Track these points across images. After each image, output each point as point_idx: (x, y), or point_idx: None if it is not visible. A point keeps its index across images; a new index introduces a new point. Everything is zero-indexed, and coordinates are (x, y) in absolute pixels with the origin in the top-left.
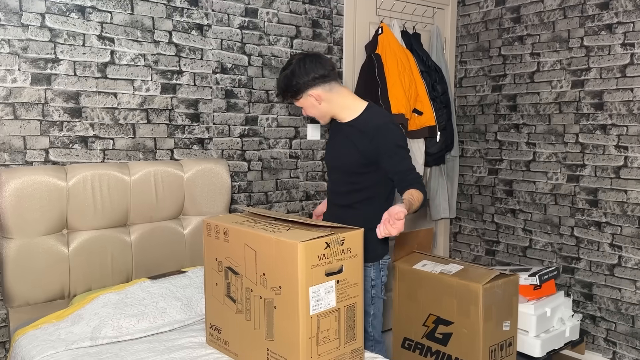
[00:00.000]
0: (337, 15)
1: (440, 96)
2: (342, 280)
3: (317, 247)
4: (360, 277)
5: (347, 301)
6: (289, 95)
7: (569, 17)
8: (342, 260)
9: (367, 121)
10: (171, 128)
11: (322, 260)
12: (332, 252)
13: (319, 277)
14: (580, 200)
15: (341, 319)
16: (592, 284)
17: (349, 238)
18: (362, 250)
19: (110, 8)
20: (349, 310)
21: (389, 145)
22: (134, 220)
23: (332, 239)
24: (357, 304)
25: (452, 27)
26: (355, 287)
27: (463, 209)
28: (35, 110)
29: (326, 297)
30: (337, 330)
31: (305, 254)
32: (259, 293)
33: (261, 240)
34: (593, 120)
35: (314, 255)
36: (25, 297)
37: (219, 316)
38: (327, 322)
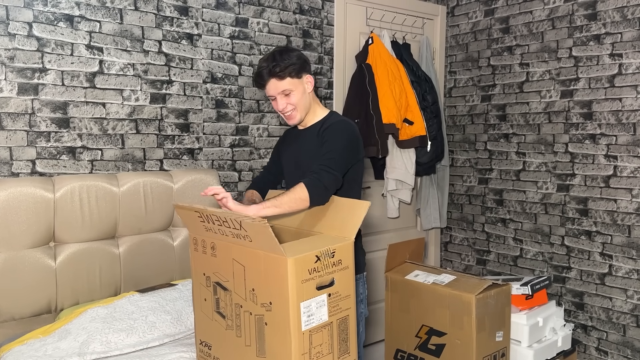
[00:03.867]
0: (327, 26)
1: (430, 106)
2: (334, 293)
3: (307, 261)
4: (352, 289)
5: (339, 314)
6: (290, 70)
7: (557, 28)
8: (334, 273)
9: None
10: (161, 138)
11: (312, 274)
12: (322, 265)
13: (310, 291)
14: (571, 209)
15: (334, 333)
16: (583, 293)
17: (339, 249)
18: (353, 261)
19: (99, 17)
20: (341, 323)
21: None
22: (122, 232)
23: (323, 251)
24: (350, 316)
25: (442, 37)
26: (347, 300)
27: (454, 218)
28: (22, 121)
29: (318, 312)
30: (330, 345)
31: (295, 268)
32: (249, 309)
33: (250, 255)
34: (582, 130)
35: (305, 269)
36: (11, 311)
37: (209, 332)
38: (319, 337)
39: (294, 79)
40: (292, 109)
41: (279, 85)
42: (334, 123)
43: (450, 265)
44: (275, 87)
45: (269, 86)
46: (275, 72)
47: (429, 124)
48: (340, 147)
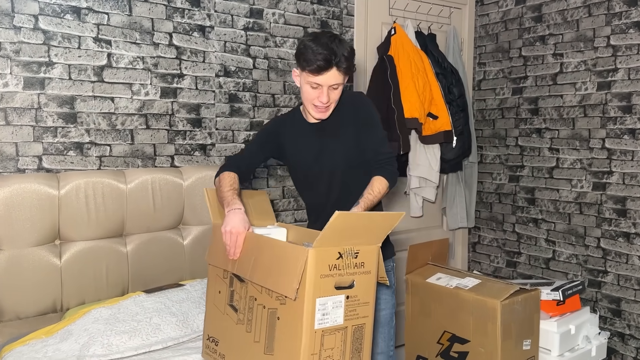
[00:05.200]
0: (347, 16)
1: (456, 99)
2: (353, 296)
3: (328, 255)
4: (372, 296)
5: (355, 320)
6: (352, 67)
7: (594, 15)
8: (355, 275)
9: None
10: (171, 134)
11: (332, 270)
12: (344, 263)
13: (327, 289)
14: (607, 209)
15: (347, 340)
16: (621, 299)
17: (363, 252)
18: (376, 267)
19: (107, 9)
20: (357, 331)
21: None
22: (130, 230)
23: (346, 249)
24: (367, 325)
25: (470, 27)
26: (365, 307)
27: (482, 218)
28: (28, 116)
29: (333, 313)
30: (342, 352)
31: (315, 261)
32: (263, 302)
33: (271, 246)
34: (621, 124)
35: (325, 264)
36: (16, 310)
37: (218, 327)
38: (332, 340)
39: (346, 75)
40: (331, 104)
41: (337, 78)
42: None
43: (479, 266)
44: (334, 79)
45: (327, 74)
46: (343, 67)
47: (454, 118)
48: (379, 125)
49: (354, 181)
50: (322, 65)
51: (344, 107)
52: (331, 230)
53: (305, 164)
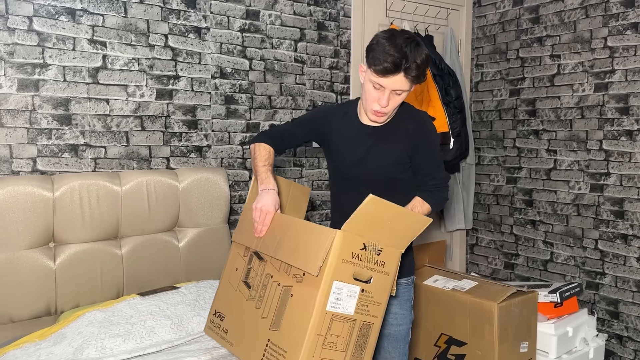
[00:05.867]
0: (344, 17)
1: (454, 101)
2: (368, 292)
3: (354, 242)
4: (386, 298)
5: (365, 317)
6: (423, 76)
7: (591, 17)
8: (374, 272)
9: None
10: (167, 135)
11: (354, 259)
12: (367, 256)
13: (346, 275)
14: (605, 211)
15: (354, 333)
16: (619, 301)
17: (386, 252)
18: (395, 270)
19: (102, 11)
20: (364, 327)
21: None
22: (125, 232)
23: (372, 243)
24: (375, 325)
25: (468, 28)
26: (377, 307)
27: (480, 219)
28: (22, 118)
29: (347, 301)
30: (347, 343)
31: (341, 244)
32: (279, 280)
33: (299, 225)
34: (618, 126)
35: (349, 250)
36: (9, 313)
37: (228, 303)
38: (339, 328)
39: (414, 84)
40: (389, 109)
41: (402, 85)
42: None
43: (477, 268)
44: (398, 84)
45: (393, 78)
46: (412, 74)
47: (452, 119)
48: (438, 151)
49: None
50: (390, 67)
51: (403, 121)
52: (362, 214)
53: (346, 164)
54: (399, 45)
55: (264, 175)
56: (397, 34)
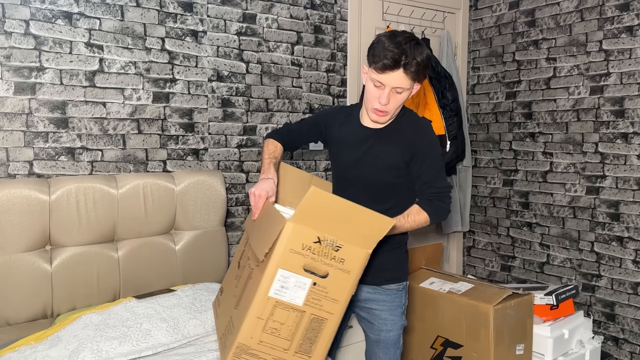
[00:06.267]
0: (340, 21)
1: (450, 104)
2: (322, 287)
3: (305, 234)
4: (345, 296)
5: (317, 311)
6: (422, 75)
7: (586, 20)
8: (330, 267)
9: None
10: (164, 138)
11: (305, 251)
12: (320, 250)
13: (294, 265)
14: (601, 213)
15: (302, 325)
16: (614, 303)
17: (347, 250)
18: (359, 271)
19: (99, 14)
20: (315, 321)
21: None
22: (121, 235)
23: (328, 238)
24: (329, 322)
25: (464, 31)
26: (333, 304)
27: (477, 221)
28: (19, 121)
29: (294, 291)
30: (292, 333)
31: (289, 234)
32: (251, 263)
33: (270, 213)
34: (613, 129)
35: (299, 241)
36: (5, 316)
37: (228, 280)
38: (283, 315)
39: (415, 82)
40: (390, 109)
41: (402, 81)
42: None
43: (474, 270)
44: (397, 81)
45: (391, 75)
46: (411, 70)
47: (448, 122)
48: (439, 161)
49: (381, 200)
50: (389, 63)
51: (404, 126)
52: (306, 206)
53: (345, 164)
54: (398, 43)
55: (265, 167)
56: (398, 34)
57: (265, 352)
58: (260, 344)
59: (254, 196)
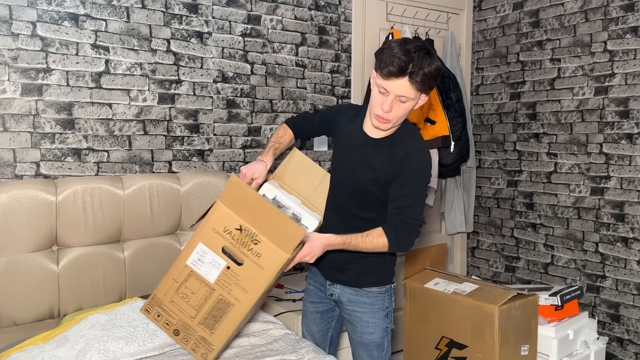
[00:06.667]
0: (345, 22)
1: (454, 104)
2: (234, 273)
3: (229, 219)
4: (255, 290)
5: (226, 294)
6: (429, 86)
7: (591, 20)
8: (246, 258)
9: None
10: (169, 139)
11: (226, 235)
12: (240, 239)
13: (213, 244)
14: (606, 214)
15: (209, 301)
16: (619, 304)
17: (266, 247)
18: (274, 271)
19: (105, 16)
20: (222, 302)
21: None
22: (127, 236)
23: (249, 228)
24: (235, 308)
25: (468, 32)
26: (242, 293)
27: (481, 222)
28: (26, 122)
29: (208, 267)
30: (200, 305)
31: (216, 213)
32: None
33: None
34: (618, 129)
35: (222, 223)
36: (13, 316)
37: None
38: (195, 286)
39: (421, 93)
40: (393, 117)
41: (406, 90)
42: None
43: (478, 271)
44: (401, 89)
45: (396, 82)
46: (416, 80)
47: (452, 123)
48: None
49: (364, 209)
50: (394, 70)
51: (399, 143)
52: (228, 191)
53: (338, 164)
54: (407, 50)
55: (266, 150)
56: (410, 41)
57: (174, 312)
58: (171, 303)
59: (241, 174)
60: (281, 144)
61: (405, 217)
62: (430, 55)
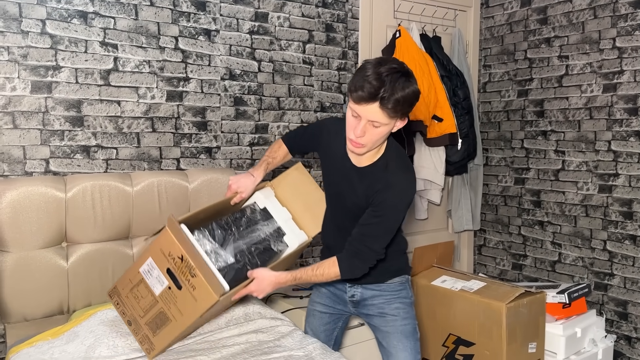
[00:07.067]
0: (352, 19)
1: (461, 102)
2: (173, 294)
3: (173, 246)
4: (190, 316)
5: (166, 309)
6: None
7: (599, 17)
8: (184, 285)
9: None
10: (177, 137)
11: (170, 258)
12: (181, 267)
13: (161, 263)
14: (614, 211)
15: (153, 309)
16: (627, 302)
17: (201, 283)
18: (204, 306)
19: (114, 13)
20: (163, 315)
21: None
22: (136, 232)
23: (189, 262)
24: (173, 324)
25: (475, 29)
26: (179, 314)
27: (488, 220)
28: (36, 119)
29: (155, 281)
30: (147, 309)
31: (164, 237)
32: None
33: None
34: (627, 127)
35: (167, 248)
36: (23, 312)
37: None
38: (144, 292)
39: (393, 119)
40: (366, 141)
41: (377, 116)
42: (396, 194)
43: (485, 269)
44: (372, 115)
45: (367, 107)
46: (388, 107)
47: (459, 120)
48: (392, 224)
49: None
50: (364, 96)
51: (381, 174)
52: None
53: (327, 180)
54: (379, 74)
55: (258, 164)
56: (385, 62)
57: (128, 305)
58: (127, 298)
59: (229, 183)
60: (274, 159)
61: (366, 247)
62: (405, 78)
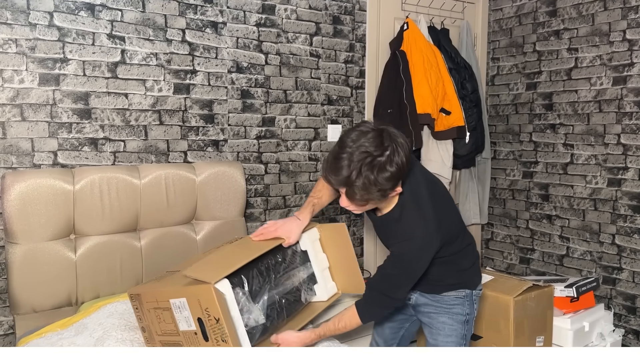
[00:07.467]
0: (359, 11)
1: (469, 95)
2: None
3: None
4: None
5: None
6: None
7: (609, 9)
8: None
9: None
10: (184, 129)
11: (205, 312)
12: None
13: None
14: (623, 205)
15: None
16: (636, 296)
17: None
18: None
19: (121, 6)
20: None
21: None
22: (144, 225)
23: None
24: None
25: (484, 22)
26: None
27: (495, 214)
28: (44, 112)
29: (183, 319)
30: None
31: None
32: None
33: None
34: (637, 120)
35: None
36: (32, 304)
37: None
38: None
39: (367, 203)
40: (356, 209)
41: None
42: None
43: (492, 263)
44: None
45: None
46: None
47: (467, 113)
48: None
49: None
50: (325, 176)
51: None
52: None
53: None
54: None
55: (304, 205)
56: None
57: (147, 317)
58: (148, 312)
59: (266, 228)
60: (320, 199)
61: (385, 296)
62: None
